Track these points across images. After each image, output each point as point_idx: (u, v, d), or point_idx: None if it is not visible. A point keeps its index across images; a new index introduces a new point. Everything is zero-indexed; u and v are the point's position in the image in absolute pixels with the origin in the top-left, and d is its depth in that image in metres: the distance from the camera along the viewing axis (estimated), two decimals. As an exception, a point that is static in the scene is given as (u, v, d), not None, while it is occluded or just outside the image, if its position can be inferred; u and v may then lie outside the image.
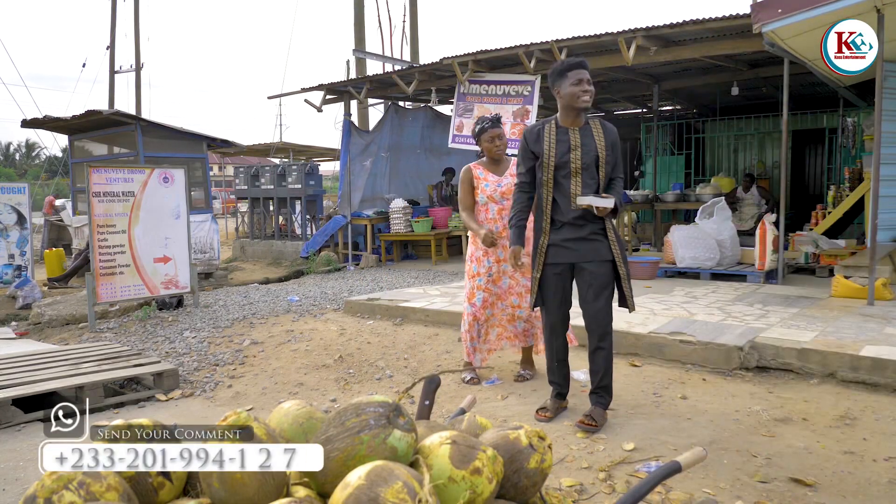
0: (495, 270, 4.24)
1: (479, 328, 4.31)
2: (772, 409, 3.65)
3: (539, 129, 3.47)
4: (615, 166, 3.46)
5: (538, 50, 8.28)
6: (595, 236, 3.40)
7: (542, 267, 3.47)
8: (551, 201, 3.44)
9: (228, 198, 24.80)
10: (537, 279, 3.49)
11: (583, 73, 3.36)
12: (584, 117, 3.46)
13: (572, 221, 3.39)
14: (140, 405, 4.21)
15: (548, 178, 3.41)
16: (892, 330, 4.68)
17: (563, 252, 3.42)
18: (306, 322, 6.20)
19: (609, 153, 3.40)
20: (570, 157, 3.36)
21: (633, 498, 1.55)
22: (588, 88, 3.34)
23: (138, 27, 22.54)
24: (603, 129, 3.44)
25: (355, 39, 15.91)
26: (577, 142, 3.38)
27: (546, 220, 3.46)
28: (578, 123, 3.42)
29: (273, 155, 18.59)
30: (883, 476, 2.83)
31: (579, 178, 3.37)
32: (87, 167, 6.26)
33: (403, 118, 11.75)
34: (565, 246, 3.41)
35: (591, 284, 3.39)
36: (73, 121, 10.30)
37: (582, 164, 3.36)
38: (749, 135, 12.76)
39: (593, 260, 3.39)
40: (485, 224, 4.21)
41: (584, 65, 3.39)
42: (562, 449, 3.15)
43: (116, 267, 6.38)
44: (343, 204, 10.80)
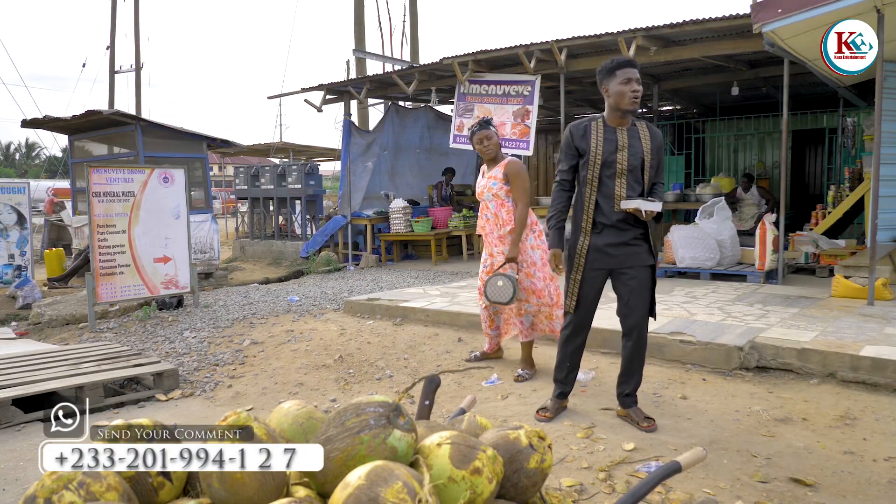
0: (489, 263, 4.52)
1: (482, 314, 4.66)
2: (772, 409, 3.65)
3: (586, 126, 3.36)
4: (658, 170, 3.38)
5: (538, 50, 8.29)
6: (637, 241, 3.33)
7: (583, 270, 3.38)
8: (594, 202, 3.33)
9: (228, 198, 24.81)
10: (578, 281, 3.39)
11: (632, 73, 3.25)
12: (631, 118, 3.38)
13: (615, 224, 3.30)
14: (140, 405, 4.21)
15: (592, 176, 3.30)
16: (892, 330, 4.68)
17: (603, 257, 3.34)
18: (306, 322, 6.20)
19: (654, 157, 3.32)
20: (616, 157, 3.27)
21: (633, 498, 1.55)
22: (637, 88, 3.25)
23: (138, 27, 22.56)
24: (649, 131, 3.35)
25: (355, 39, 15.92)
26: (624, 142, 3.29)
27: (587, 220, 3.34)
28: (626, 123, 3.34)
29: (273, 155, 18.58)
30: (883, 476, 2.83)
31: (624, 179, 3.28)
32: (87, 167, 6.27)
33: (404, 118, 11.74)
34: (606, 251, 3.33)
35: (633, 290, 3.33)
36: (73, 121, 10.30)
37: (628, 165, 3.27)
38: (749, 135, 12.76)
39: (634, 265, 3.32)
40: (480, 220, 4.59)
41: (633, 64, 3.30)
42: (562, 449, 3.15)
43: (116, 267, 6.38)
44: (343, 204, 10.80)
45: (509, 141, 8.89)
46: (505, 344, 4.88)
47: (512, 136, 8.88)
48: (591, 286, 3.39)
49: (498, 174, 4.38)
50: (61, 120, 10.55)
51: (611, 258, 3.33)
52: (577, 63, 8.47)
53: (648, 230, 3.35)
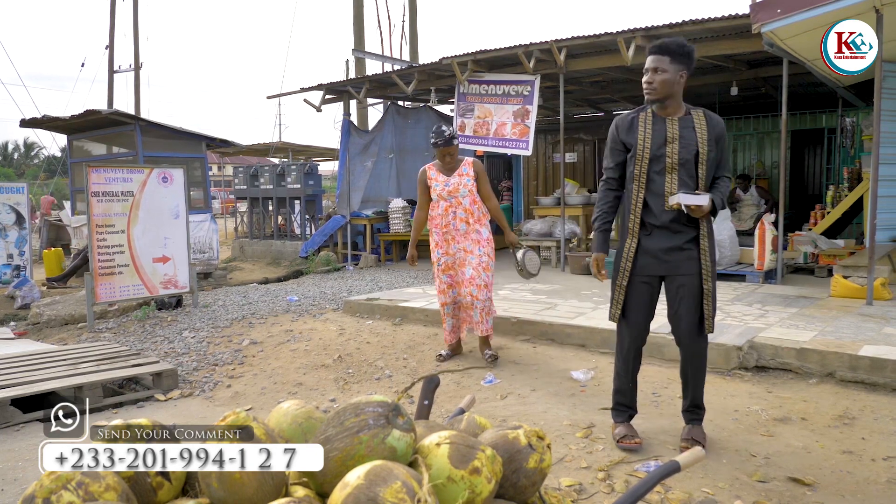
0: (444, 261, 4.76)
1: (441, 310, 4.85)
2: (771, 409, 3.65)
3: (633, 118, 3.08)
4: (721, 164, 3.06)
5: (537, 50, 8.28)
6: (690, 245, 3.01)
7: (630, 276, 3.08)
8: (642, 200, 3.04)
9: (227, 198, 24.79)
10: (623, 287, 3.10)
11: (650, 61, 2.98)
12: (685, 106, 3.05)
13: (666, 225, 3.01)
14: (139, 405, 4.21)
15: (640, 172, 3.01)
16: (891, 330, 4.68)
17: (653, 264, 3.04)
18: (305, 322, 6.19)
19: (712, 148, 2.99)
20: (666, 151, 2.97)
21: (632, 497, 1.55)
22: (650, 79, 2.98)
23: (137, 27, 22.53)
24: (707, 120, 3.02)
25: (354, 39, 15.92)
26: (675, 133, 2.98)
27: (635, 221, 3.06)
28: (678, 112, 3.02)
29: (272, 155, 18.58)
30: (881, 475, 2.83)
31: (675, 175, 2.97)
32: (86, 167, 6.26)
33: (405, 118, 11.74)
34: (657, 256, 3.03)
35: (683, 298, 3.03)
36: (71, 120, 10.29)
37: (679, 158, 2.97)
38: (748, 135, 12.77)
39: (687, 273, 3.01)
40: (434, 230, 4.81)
41: (654, 50, 2.99)
42: (561, 449, 3.15)
43: (115, 267, 6.37)
44: (341, 204, 10.79)
45: (509, 141, 8.89)
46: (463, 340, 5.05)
47: (512, 135, 8.88)
48: (639, 294, 3.08)
49: (469, 172, 4.72)
50: (60, 120, 10.54)
51: (661, 264, 3.03)
52: (576, 63, 8.47)
53: (702, 231, 3.02)
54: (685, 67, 2.98)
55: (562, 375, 4.38)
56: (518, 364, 4.69)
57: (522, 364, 4.69)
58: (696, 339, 3.06)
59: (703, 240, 3.02)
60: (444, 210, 4.72)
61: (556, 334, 5.20)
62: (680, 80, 2.98)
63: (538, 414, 3.69)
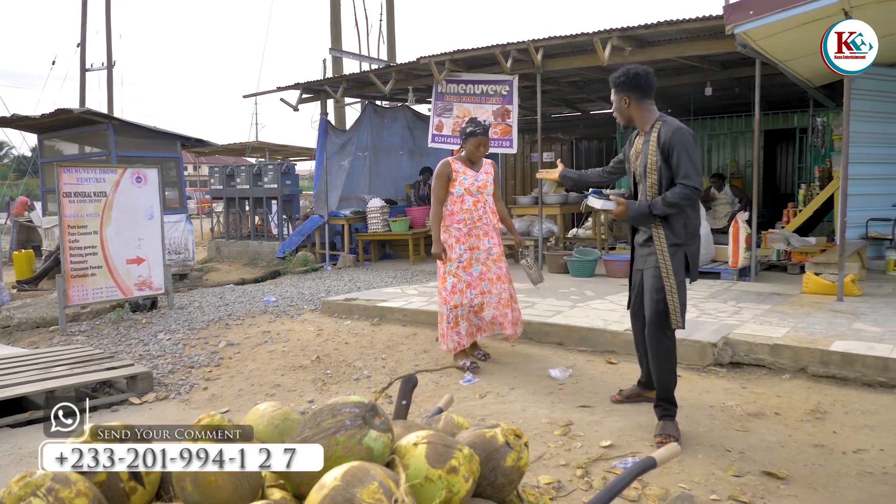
0: (466, 258, 4.54)
1: (449, 314, 4.55)
2: (745, 404, 3.70)
3: (633, 136, 3.54)
4: (677, 171, 3.16)
5: (515, 50, 8.31)
6: (648, 244, 3.34)
7: (631, 268, 3.62)
8: None
9: (203, 198, 24.50)
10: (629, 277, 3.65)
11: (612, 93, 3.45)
12: (654, 119, 3.33)
13: (637, 228, 3.48)
14: (113, 409, 4.14)
15: (631, 184, 3.53)
16: (861, 325, 4.78)
17: (635, 257, 3.55)
18: (283, 323, 6.15)
19: (658, 158, 3.22)
20: (636, 164, 3.41)
21: (609, 494, 1.56)
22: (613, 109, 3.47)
23: (110, 24, 22.17)
24: (659, 132, 3.24)
25: (332, 38, 15.83)
26: (638, 149, 3.39)
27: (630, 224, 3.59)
28: (646, 128, 3.36)
29: (249, 154, 18.39)
30: (852, 468, 2.89)
31: (642, 184, 3.34)
32: (58, 167, 6.16)
33: (382, 118, 11.70)
34: (636, 251, 3.52)
35: (643, 291, 3.43)
36: (42, 119, 10.09)
37: (640, 170, 3.35)
38: (722, 134, 12.93)
39: (646, 268, 3.35)
40: (454, 226, 4.55)
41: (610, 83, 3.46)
42: (539, 447, 3.16)
43: (88, 268, 6.27)
44: (318, 203, 10.72)
45: (493, 140, 8.91)
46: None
47: (493, 135, 8.89)
48: (634, 283, 3.58)
49: (491, 171, 4.68)
50: (30, 119, 10.33)
51: (636, 259, 3.53)
52: (553, 63, 8.51)
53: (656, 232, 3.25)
54: (626, 92, 3.34)
55: (540, 374, 4.40)
56: (496, 363, 4.70)
57: (501, 363, 4.70)
58: (652, 330, 3.31)
59: (659, 240, 3.25)
60: (473, 205, 4.57)
61: (534, 333, 5.22)
62: (625, 106, 3.37)
63: (517, 412, 3.70)
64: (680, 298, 3.23)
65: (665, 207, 3.17)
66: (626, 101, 3.34)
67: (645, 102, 3.34)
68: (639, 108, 3.34)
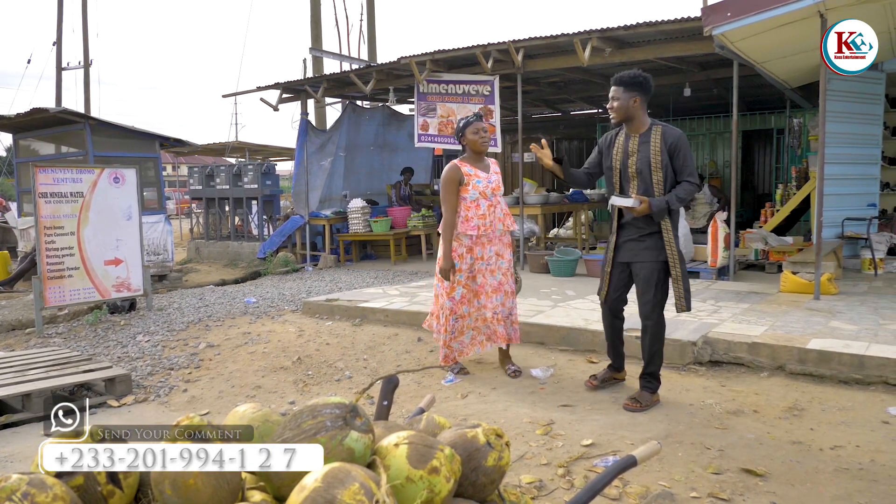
0: (476, 268, 4.30)
1: (454, 324, 4.34)
2: (724, 402, 3.74)
3: (614, 135, 3.77)
4: (681, 169, 3.57)
5: (495, 50, 8.33)
6: (647, 239, 3.64)
7: (612, 263, 3.81)
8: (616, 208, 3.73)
9: (182, 198, 24.26)
10: (608, 273, 3.83)
11: (611, 91, 3.64)
12: (649, 123, 3.65)
13: (630, 222, 3.69)
14: (91, 412, 4.08)
15: (615, 181, 3.72)
16: (838, 323, 4.85)
17: (624, 252, 3.74)
18: (264, 324, 6.11)
19: (665, 157, 3.56)
20: (628, 163, 3.65)
21: (590, 492, 1.57)
22: (609, 106, 3.67)
23: (86, 22, 21.89)
24: (662, 134, 3.59)
25: (312, 38, 15.75)
26: (634, 148, 3.64)
27: (612, 220, 3.80)
28: (640, 129, 3.64)
29: (228, 154, 18.24)
30: (829, 464, 2.93)
31: (635, 182, 3.64)
32: (33, 167, 6.05)
33: (360, 117, 11.67)
34: (625, 246, 3.73)
35: (639, 280, 3.70)
36: (17, 119, 9.94)
37: (636, 169, 3.62)
38: (701, 135, 13.07)
39: (643, 261, 3.65)
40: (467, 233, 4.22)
41: (613, 81, 3.63)
42: (521, 446, 3.17)
43: (65, 270, 6.18)
44: (298, 203, 10.66)
45: None
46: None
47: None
48: (616, 275, 3.81)
49: (499, 171, 4.46)
50: (5, 118, 10.17)
51: (627, 252, 3.73)
52: (533, 63, 8.54)
53: (663, 226, 3.60)
54: (637, 93, 3.59)
55: (522, 373, 4.41)
56: (478, 363, 4.71)
57: (483, 363, 4.71)
58: (648, 314, 3.68)
59: (666, 233, 3.60)
60: (487, 209, 4.23)
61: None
62: (634, 105, 3.60)
63: (498, 412, 3.71)
64: (685, 284, 3.65)
65: (678, 202, 3.57)
66: (635, 101, 3.59)
67: (645, 105, 3.66)
68: (641, 109, 3.64)
